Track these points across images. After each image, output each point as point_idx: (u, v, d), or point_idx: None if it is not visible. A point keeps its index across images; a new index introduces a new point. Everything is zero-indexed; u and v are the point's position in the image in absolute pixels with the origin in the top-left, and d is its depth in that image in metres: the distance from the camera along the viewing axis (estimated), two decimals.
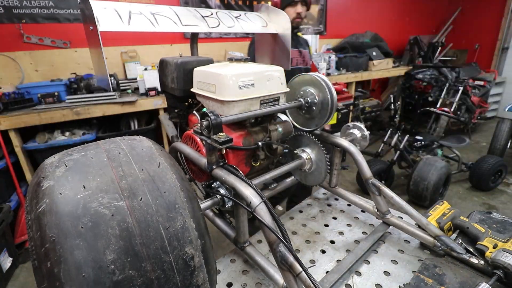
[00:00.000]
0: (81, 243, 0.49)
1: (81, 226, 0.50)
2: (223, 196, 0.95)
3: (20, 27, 2.97)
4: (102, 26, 0.86)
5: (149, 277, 0.51)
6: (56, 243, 0.48)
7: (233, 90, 1.00)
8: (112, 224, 0.51)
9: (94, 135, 2.84)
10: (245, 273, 1.03)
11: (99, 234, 0.50)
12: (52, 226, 0.50)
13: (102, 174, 0.57)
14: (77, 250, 0.48)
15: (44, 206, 0.52)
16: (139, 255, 0.51)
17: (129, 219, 0.53)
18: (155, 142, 0.74)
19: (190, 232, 0.59)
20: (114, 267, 0.49)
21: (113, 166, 0.59)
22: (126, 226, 0.52)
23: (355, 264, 1.02)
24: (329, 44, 5.08)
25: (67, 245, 0.48)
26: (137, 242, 0.52)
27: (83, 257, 0.48)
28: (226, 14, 1.21)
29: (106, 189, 0.55)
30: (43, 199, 0.53)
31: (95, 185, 0.55)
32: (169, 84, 1.24)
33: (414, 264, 1.02)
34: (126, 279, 0.49)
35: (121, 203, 0.54)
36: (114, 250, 0.50)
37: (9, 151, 2.58)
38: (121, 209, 0.53)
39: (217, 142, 0.86)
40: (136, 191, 0.56)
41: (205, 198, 1.00)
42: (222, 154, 1.04)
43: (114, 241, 0.50)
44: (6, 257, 2.35)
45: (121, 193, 0.55)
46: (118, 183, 0.56)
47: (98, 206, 0.52)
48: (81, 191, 0.53)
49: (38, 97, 2.79)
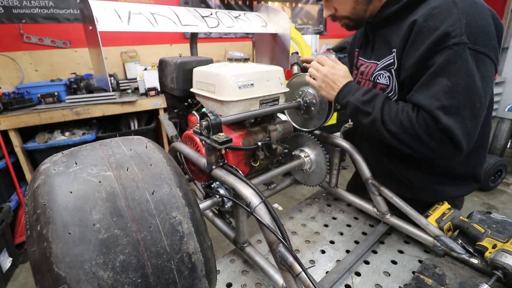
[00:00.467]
0: (69, 205, 0.51)
1: (70, 191, 0.53)
2: (223, 196, 0.95)
3: (20, 27, 2.97)
4: (102, 26, 0.86)
5: (135, 237, 0.53)
6: (46, 207, 0.51)
7: (233, 90, 1.00)
8: (99, 189, 0.54)
9: (94, 135, 2.84)
10: (245, 273, 1.03)
11: (86, 196, 0.53)
12: (44, 194, 0.53)
13: (93, 155, 0.62)
14: (65, 211, 0.51)
15: (39, 182, 0.55)
16: (125, 216, 0.53)
17: (116, 185, 0.56)
18: (149, 139, 0.77)
19: (176, 199, 0.60)
20: (99, 226, 0.51)
21: (103, 149, 0.64)
22: (112, 191, 0.55)
23: (355, 265, 1.02)
24: (329, 44, 5.08)
25: (56, 207, 0.51)
26: (123, 204, 0.54)
27: (70, 217, 0.50)
28: (226, 14, 1.21)
29: (96, 164, 0.59)
30: (39, 177, 0.56)
31: (86, 162, 0.59)
32: (168, 84, 1.24)
33: (414, 264, 1.02)
34: (112, 238, 0.51)
35: (109, 173, 0.57)
36: (100, 211, 0.52)
37: (9, 151, 2.58)
38: (108, 177, 0.56)
39: (217, 142, 0.86)
40: (123, 164, 0.60)
41: (205, 198, 1.00)
42: (221, 154, 1.04)
43: (100, 203, 0.53)
44: (6, 257, 2.35)
45: (109, 166, 0.59)
46: (107, 159, 0.61)
47: (87, 176, 0.56)
48: (73, 166, 0.57)
49: (38, 97, 2.79)
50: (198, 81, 1.12)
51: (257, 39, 1.49)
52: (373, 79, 1.11)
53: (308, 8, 4.97)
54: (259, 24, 1.28)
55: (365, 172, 1.19)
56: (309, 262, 1.06)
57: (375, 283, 0.95)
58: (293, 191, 3.50)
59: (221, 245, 2.45)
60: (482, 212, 1.07)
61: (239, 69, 1.04)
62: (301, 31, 4.82)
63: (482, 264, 0.87)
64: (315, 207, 1.42)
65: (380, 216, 1.18)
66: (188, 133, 1.12)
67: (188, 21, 1.06)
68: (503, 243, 0.86)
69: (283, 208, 3.21)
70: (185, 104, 1.29)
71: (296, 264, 0.72)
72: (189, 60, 1.18)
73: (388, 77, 1.05)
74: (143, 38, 3.63)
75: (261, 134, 1.15)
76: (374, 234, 1.15)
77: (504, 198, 3.25)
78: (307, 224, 1.29)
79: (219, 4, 4.08)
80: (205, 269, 0.61)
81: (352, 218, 1.32)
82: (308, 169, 1.28)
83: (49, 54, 3.17)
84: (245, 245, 1.03)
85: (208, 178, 1.05)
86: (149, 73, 3.11)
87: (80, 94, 2.95)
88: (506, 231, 0.95)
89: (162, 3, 1.57)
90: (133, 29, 0.93)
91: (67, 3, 3.15)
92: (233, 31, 1.17)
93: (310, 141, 1.24)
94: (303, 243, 1.17)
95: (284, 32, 1.30)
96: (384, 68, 1.06)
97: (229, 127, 1.10)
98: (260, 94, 1.06)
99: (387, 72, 1.05)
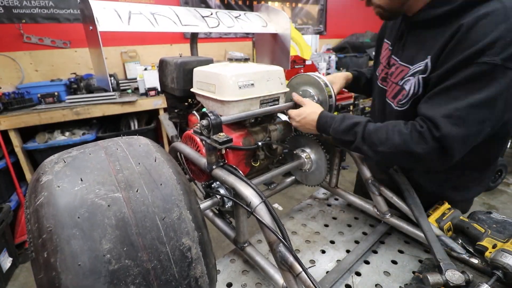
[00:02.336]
0: (77, 232, 0.49)
1: (78, 216, 0.50)
2: (223, 196, 0.95)
3: (20, 27, 2.97)
4: (102, 26, 0.86)
5: (145, 267, 0.52)
6: (53, 233, 0.49)
7: (233, 90, 1.00)
8: (108, 214, 0.52)
9: (94, 135, 2.84)
10: (245, 273, 1.03)
11: (96, 223, 0.50)
12: (50, 217, 0.50)
13: (99, 168, 0.58)
14: (73, 240, 0.48)
15: (42, 199, 0.52)
16: (135, 245, 0.52)
17: (125, 210, 0.53)
18: (153, 141, 0.75)
19: (186, 223, 0.59)
20: (110, 256, 0.49)
21: (110, 161, 0.60)
22: (122, 216, 0.52)
23: (355, 264, 1.02)
24: (329, 44, 5.09)
25: (63, 235, 0.49)
26: (133, 232, 0.52)
27: (79, 247, 0.48)
28: (226, 14, 1.21)
29: (103, 182, 0.56)
30: (41, 193, 0.53)
31: (92, 178, 0.56)
32: (168, 84, 1.24)
33: (414, 264, 1.02)
34: (122, 268, 0.49)
35: (118, 194, 0.54)
36: (110, 240, 0.50)
37: (9, 151, 2.58)
38: (118, 200, 0.54)
39: (217, 142, 0.86)
40: (132, 183, 0.57)
41: (205, 198, 1.00)
42: (222, 154, 1.04)
43: (110, 231, 0.51)
44: (6, 257, 2.35)
45: (118, 185, 0.56)
46: (115, 175, 0.57)
47: (95, 198, 0.53)
48: (78, 183, 0.54)
49: (38, 97, 2.79)
50: (199, 81, 1.12)
51: (257, 39, 1.49)
52: (401, 84, 1.04)
53: (308, 8, 4.97)
54: (259, 24, 1.28)
55: (365, 172, 1.19)
56: (309, 262, 1.06)
57: (375, 283, 0.95)
58: (293, 191, 3.50)
59: (221, 245, 2.45)
60: (482, 212, 1.07)
61: (239, 69, 1.04)
62: (301, 31, 4.82)
63: (482, 264, 0.87)
64: (315, 207, 1.42)
65: (380, 216, 1.18)
66: (188, 133, 1.12)
67: (188, 21, 1.06)
68: (503, 243, 0.86)
69: (284, 208, 3.21)
70: (185, 104, 1.29)
71: (297, 264, 0.72)
72: (190, 60, 1.18)
73: (415, 84, 0.98)
74: (143, 38, 3.63)
75: (261, 134, 1.15)
76: (374, 234, 1.15)
77: (504, 198, 3.25)
78: (307, 224, 1.29)
79: (219, 4, 4.08)
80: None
81: (353, 218, 1.32)
82: (309, 169, 1.28)
83: (49, 54, 3.17)
84: (245, 245, 1.03)
85: (209, 178, 1.05)
86: (149, 73, 3.11)
87: (80, 94, 2.95)
88: (506, 231, 0.95)
89: (163, 3, 1.57)
90: (134, 29, 0.93)
91: (67, 3, 3.15)
92: (233, 31, 1.17)
93: (311, 141, 1.24)
94: (304, 243, 1.17)
95: (284, 32, 1.30)
96: (414, 74, 0.98)
97: (230, 127, 1.10)
98: (260, 94, 1.06)
99: (415, 78, 0.97)
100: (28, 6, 2.99)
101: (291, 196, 3.43)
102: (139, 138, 0.72)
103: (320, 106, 1.13)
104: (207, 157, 0.95)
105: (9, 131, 2.51)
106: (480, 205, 3.11)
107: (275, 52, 1.39)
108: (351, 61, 4.55)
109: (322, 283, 0.93)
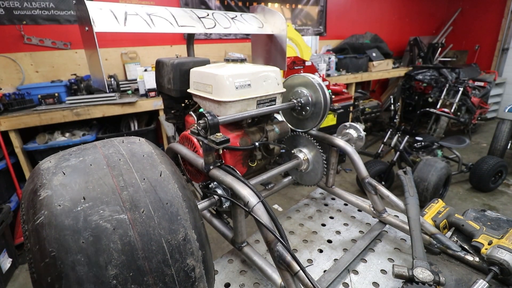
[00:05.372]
0: (82, 258, 0.48)
1: (82, 241, 0.48)
2: (221, 196, 0.96)
3: (21, 29, 2.99)
4: (98, 27, 0.87)
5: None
6: (56, 258, 0.47)
7: (230, 91, 1.00)
8: (114, 238, 0.50)
9: (94, 136, 2.85)
10: (243, 273, 1.03)
11: (101, 249, 0.49)
12: (52, 240, 0.48)
13: (102, 184, 0.55)
14: (78, 266, 0.47)
15: (42, 218, 0.50)
16: (142, 269, 0.51)
17: (131, 233, 0.52)
18: (155, 145, 0.72)
19: (191, 244, 0.58)
20: (116, 282, 0.48)
21: (113, 175, 0.57)
22: (128, 240, 0.51)
23: (352, 263, 1.02)
24: (329, 45, 5.09)
25: (68, 261, 0.47)
26: (139, 256, 0.51)
27: (84, 273, 0.47)
28: (222, 15, 1.22)
29: (107, 201, 0.53)
30: (41, 210, 0.51)
31: (96, 196, 0.53)
32: (165, 85, 1.24)
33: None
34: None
35: (123, 216, 0.53)
36: (116, 265, 0.49)
37: (9, 152, 2.59)
38: (123, 223, 0.52)
39: (214, 143, 0.87)
40: (137, 203, 0.55)
41: (203, 198, 1.01)
42: (219, 154, 1.04)
43: (116, 256, 0.49)
44: (5, 258, 2.36)
45: (123, 205, 0.54)
46: (119, 194, 0.55)
47: (99, 219, 0.51)
48: (81, 202, 0.52)
49: (39, 98, 2.80)
50: (195, 82, 1.13)
51: (253, 40, 1.50)
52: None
53: (308, 9, 4.97)
54: (255, 25, 1.28)
55: (362, 172, 1.19)
56: (307, 261, 1.06)
57: (373, 281, 0.96)
58: (292, 192, 3.50)
59: (221, 246, 2.45)
60: (476, 210, 1.07)
61: (236, 70, 1.05)
62: (301, 32, 4.82)
63: (478, 261, 0.87)
64: (312, 206, 1.42)
65: (377, 214, 1.18)
66: (185, 134, 1.13)
67: (184, 22, 1.07)
68: (499, 239, 0.87)
69: (283, 209, 3.21)
70: (182, 104, 1.29)
71: (294, 263, 0.72)
72: (186, 61, 1.18)
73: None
74: (143, 39, 3.64)
75: (258, 134, 1.15)
76: (371, 233, 1.15)
77: (504, 199, 3.24)
78: (304, 223, 1.29)
79: (219, 5, 4.09)
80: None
81: (349, 217, 1.32)
82: (305, 169, 1.28)
83: (49, 55, 3.18)
84: (243, 245, 1.03)
85: (206, 179, 1.06)
86: (149, 74, 3.12)
87: (80, 95, 2.95)
88: (501, 228, 0.95)
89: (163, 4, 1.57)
90: (130, 30, 0.93)
91: (68, 4, 3.16)
92: (229, 32, 1.17)
93: (308, 141, 1.25)
94: (301, 242, 1.17)
95: (280, 33, 1.31)
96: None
97: (227, 127, 1.11)
98: (257, 95, 1.07)
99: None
100: (29, 7, 3.00)
101: (290, 197, 3.43)
102: (141, 143, 0.70)
103: None
104: (204, 157, 0.95)
105: (9, 132, 2.52)
106: (481, 206, 3.10)
107: (271, 53, 1.39)
108: (351, 62, 4.55)
109: (319, 282, 0.93)
